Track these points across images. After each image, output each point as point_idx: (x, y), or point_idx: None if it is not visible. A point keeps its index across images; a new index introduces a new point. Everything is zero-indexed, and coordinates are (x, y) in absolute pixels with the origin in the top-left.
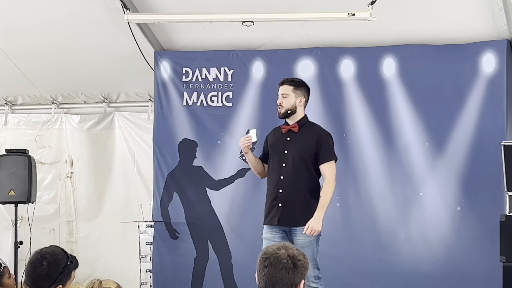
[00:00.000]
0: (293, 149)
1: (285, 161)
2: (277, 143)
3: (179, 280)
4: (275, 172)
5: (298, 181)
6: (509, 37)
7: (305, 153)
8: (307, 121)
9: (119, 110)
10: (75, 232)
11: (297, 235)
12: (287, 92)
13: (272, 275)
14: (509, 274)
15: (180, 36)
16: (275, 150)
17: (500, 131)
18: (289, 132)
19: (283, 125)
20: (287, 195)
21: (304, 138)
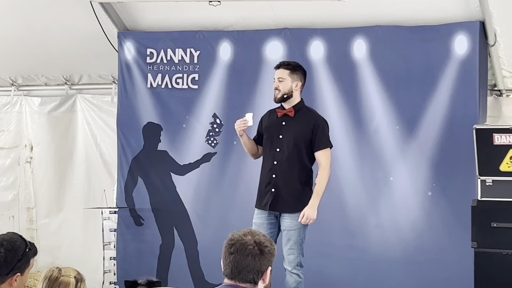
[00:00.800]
0: (288, 134)
1: (279, 146)
2: (272, 126)
3: (144, 268)
4: (269, 156)
5: (292, 167)
6: (481, 18)
7: (300, 139)
8: (303, 106)
9: (81, 93)
10: (35, 219)
11: (285, 218)
12: (284, 76)
13: (238, 262)
14: (481, 260)
15: (145, 16)
16: (269, 134)
17: (472, 114)
18: (285, 116)
19: (279, 109)
20: (280, 181)
21: (300, 123)
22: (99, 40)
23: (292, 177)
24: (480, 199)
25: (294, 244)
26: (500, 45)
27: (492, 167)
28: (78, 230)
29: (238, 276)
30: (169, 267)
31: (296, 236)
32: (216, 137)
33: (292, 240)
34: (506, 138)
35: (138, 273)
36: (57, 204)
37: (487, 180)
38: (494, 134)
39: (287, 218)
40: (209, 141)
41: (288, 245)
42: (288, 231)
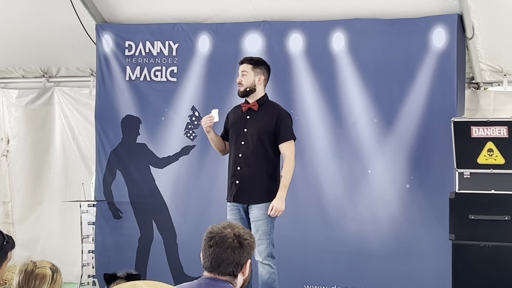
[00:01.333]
0: (252, 127)
1: (244, 139)
2: (237, 121)
3: (122, 261)
4: (234, 150)
5: (256, 159)
6: (459, 11)
7: (264, 132)
8: (267, 100)
9: (59, 85)
10: (11, 213)
11: (252, 210)
12: (246, 69)
13: (218, 255)
14: (458, 252)
15: (123, 8)
16: (235, 128)
17: (450, 107)
18: (249, 110)
19: (244, 104)
20: (244, 173)
21: (264, 117)
22: (77, 33)
23: (257, 169)
24: (458, 192)
25: (263, 234)
26: (478, 38)
27: (469, 160)
28: (55, 224)
29: (217, 269)
30: (148, 260)
31: (264, 226)
32: (194, 130)
33: (260, 231)
34: (483, 131)
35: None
36: (34, 197)
37: (464, 173)
38: (472, 127)
39: (254, 209)
40: (188, 134)
41: (257, 236)
42: (256, 222)
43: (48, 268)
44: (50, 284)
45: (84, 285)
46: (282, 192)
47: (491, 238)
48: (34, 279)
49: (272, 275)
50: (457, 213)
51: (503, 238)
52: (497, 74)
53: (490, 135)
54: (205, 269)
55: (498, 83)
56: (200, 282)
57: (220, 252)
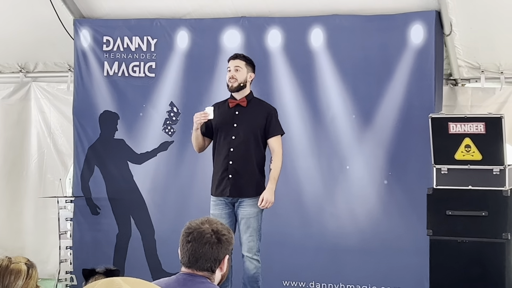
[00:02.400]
0: (243, 122)
1: (234, 134)
2: (224, 117)
3: (100, 257)
4: (224, 144)
5: (248, 153)
6: (437, 8)
7: (255, 127)
8: (253, 97)
9: (36, 81)
10: None
11: (244, 206)
12: (240, 65)
13: (196, 250)
14: (436, 248)
15: (101, 3)
16: (222, 123)
17: (428, 103)
18: (237, 106)
19: (231, 99)
20: (237, 167)
21: (254, 112)
22: (54, 28)
23: (249, 163)
24: (436, 188)
25: (254, 231)
26: (455, 35)
27: (447, 156)
28: (28, 221)
29: (195, 264)
30: (126, 256)
31: (255, 223)
32: (173, 126)
33: (252, 227)
34: (461, 127)
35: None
36: (7, 194)
37: (442, 169)
38: (449, 123)
39: (246, 206)
40: (166, 129)
41: (248, 233)
42: (248, 219)
43: (23, 263)
44: (25, 279)
45: (61, 281)
46: (272, 184)
47: (469, 234)
48: (9, 275)
49: (259, 269)
50: (434, 209)
51: (480, 234)
52: (474, 70)
53: (467, 131)
54: (182, 265)
55: (476, 79)
56: (178, 278)
57: (198, 248)
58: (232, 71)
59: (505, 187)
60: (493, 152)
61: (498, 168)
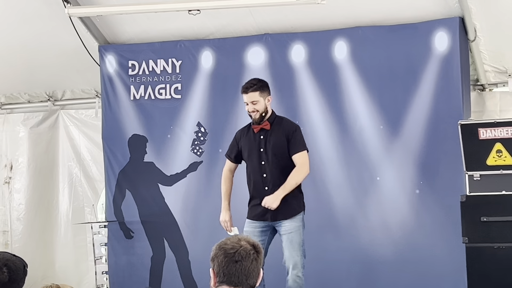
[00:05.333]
0: (268, 146)
1: (263, 159)
2: (251, 143)
3: (136, 281)
4: (256, 171)
5: (280, 176)
6: (460, 14)
7: (280, 148)
8: (276, 117)
9: (64, 108)
10: (10, 242)
11: (284, 224)
12: (255, 98)
13: (245, 268)
14: (472, 255)
15: (125, 28)
16: (251, 150)
17: (456, 110)
18: (262, 130)
19: (254, 125)
20: (273, 192)
21: (276, 134)
22: (80, 55)
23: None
24: (469, 194)
25: (297, 245)
26: (480, 40)
27: (479, 162)
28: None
29: (245, 282)
30: (162, 278)
31: (297, 237)
32: (201, 146)
33: (295, 242)
34: (491, 132)
35: (130, 286)
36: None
37: (474, 175)
38: (479, 129)
39: (287, 222)
40: (195, 150)
41: (291, 248)
42: (289, 234)
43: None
44: None
45: None
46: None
47: (505, 239)
48: None
49: (300, 286)
50: (469, 216)
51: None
52: (501, 75)
53: (498, 136)
54: (225, 285)
55: (503, 83)
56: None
57: (246, 265)
58: (250, 105)
59: None
60: None
61: None
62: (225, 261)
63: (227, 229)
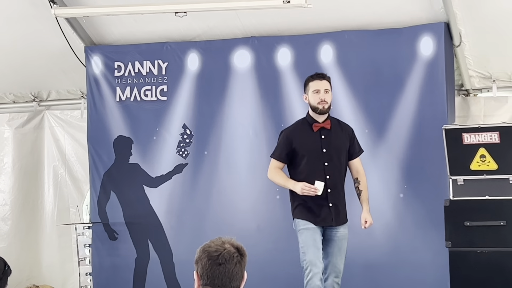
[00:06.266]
0: (331, 147)
1: (326, 160)
2: (310, 142)
3: (120, 282)
4: (317, 171)
5: (340, 179)
6: (446, 19)
7: (343, 150)
8: (332, 117)
9: (50, 109)
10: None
11: (338, 230)
12: (328, 87)
13: (229, 271)
14: (456, 259)
15: (111, 29)
16: (310, 150)
17: (441, 115)
18: (322, 129)
19: (315, 123)
20: (336, 194)
21: (338, 135)
22: (66, 56)
23: (341, 189)
24: (452, 199)
25: (344, 253)
26: (465, 45)
27: (462, 167)
28: (45, 249)
29: (229, 285)
30: (146, 280)
31: (345, 245)
32: (187, 148)
33: (343, 250)
34: (475, 137)
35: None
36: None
37: (458, 180)
38: (463, 133)
39: (341, 228)
40: (180, 152)
41: (338, 255)
42: (341, 241)
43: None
44: None
45: None
46: (368, 206)
47: (488, 243)
48: None
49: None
50: (452, 220)
51: (499, 243)
52: (486, 80)
53: (481, 141)
54: (209, 287)
55: (488, 89)
56: None
57: (230, 268)
58: (322, 93)
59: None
60: (509, 161)
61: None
62: (209, 263)
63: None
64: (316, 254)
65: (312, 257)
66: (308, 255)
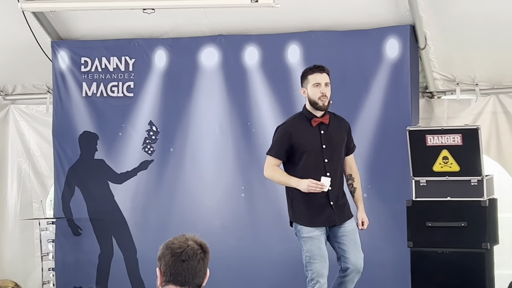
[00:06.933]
0: (330, 143)
1: (327, 156)
2: (310, 138)
3: (83, 278)
4: (316, 168)
5: (340, 175)
6: (412, 22)
7: (342, 146)
8: (328, 111)
9: (15, 103)
10: None
11: (345, 224)
12: (328, 80)
13: (192, 268)
14: (417, 259)
15: (79, 24)
16: (310, 145)
17: (405, 116)
18: (321, 124)
19: (314, 118)
20: (336, 192)
21: (337, 130)
22: (32, 50)
23: (341, 185)
24: (415, 200)
25: (360, 246)
26: (430, 48)
27: (425, 168)
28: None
29: (192, 282)
30: (109, 276)
31: (358, 236)
32: (152, 145)
33: (358, 242)
34: (438, 139)
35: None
36: None
37: (421, 181)
38: (426, 135)
39: (348, 222)
40: (146, 148)
41: (355, 249)
42: (353, 233)
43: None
44: None
45: None
46: (363, 205)
47: (449, 244)
48: None
49: None
50: (414, 221)
51: (460, 244)
52: (450, 83)
53: (444, 143)
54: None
55: (451, 91)
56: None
57: (193, 265)
58: (322, 86)
59: (483, 198)
60: (471, 163)
61: (476, 179)
62: (172, 260)
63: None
64: (323, 264)
65: (319, 268)
66: (315, 265)
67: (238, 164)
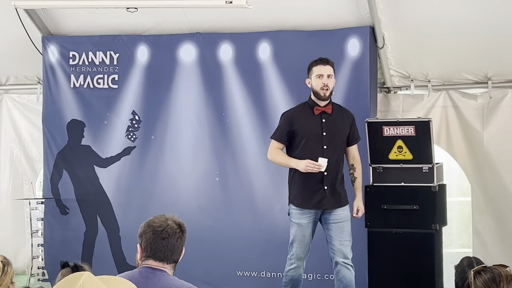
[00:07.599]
0: (331, 131)
1: (326, 143)
2: (311, 124)
3: (70, 253)
4: (315, 154)
5: (338, 162)
6: (371, 24)
7: (343, 135)
8: (333, 102)
9: (8, 93)
10: None
11: (336, 211)
12: (332, 72)
13: (171, 245)
14: (373, 238)
15: (67, 21)
16: (310, 132)
17: (364, 109)
18: (323, 113)
19: (316, 107)
20: (332, 177)
21: (339, 119)
22: (24, 44)
23: (338, 173)
24: (372, 184)
25: (347, 235)
26: (388, 48)
27: (382, 156)
28: None
29: (170, 258)
30: (93, 252)
31: (348, 226)
32: (135, 132)
33: (345, 231)
34: (394, 130)
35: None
36: None
37: (378, 168)
38: (383, 126)
39: (339, 211)
40: (129, 136)
41: (342, 237)
42: (341, 223)
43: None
44: (1, 276)
45: (34, 276)
46: (360, 194)
47: (402, 225)
48: None
49: (353, 276)
50: (372, 204)
51: (412, 225)
52: (405, 79)
53: (399, 133)
54: (153, 259)
55: (406, 87)
56: (140, 271)
57: (172, 242)
58: (324, 78)
59: (434, 183)
60: (423, 152)
61: (427, 167)
62: (153, 237)
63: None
64: (302, 249)
65: (298, 252)
66: (296, 248)
67: (213, 151)
